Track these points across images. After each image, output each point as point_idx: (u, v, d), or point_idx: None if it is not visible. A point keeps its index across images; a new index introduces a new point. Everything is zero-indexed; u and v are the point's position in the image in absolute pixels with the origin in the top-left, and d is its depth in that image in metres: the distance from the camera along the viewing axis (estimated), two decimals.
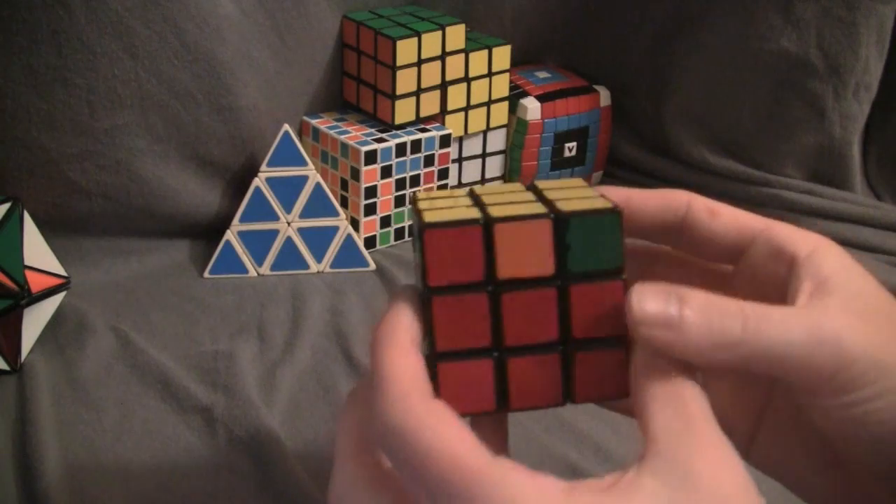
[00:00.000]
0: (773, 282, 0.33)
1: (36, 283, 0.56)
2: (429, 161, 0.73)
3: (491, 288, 0.30)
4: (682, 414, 0.29)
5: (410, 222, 0.33)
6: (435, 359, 0.30)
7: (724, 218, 0.35)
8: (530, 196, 0.33)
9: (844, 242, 0.74)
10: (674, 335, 0.29)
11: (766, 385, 0.37)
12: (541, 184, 0.35)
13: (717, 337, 0.29)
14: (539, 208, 0.31)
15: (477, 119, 0.77)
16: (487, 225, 0.30)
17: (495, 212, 0.31)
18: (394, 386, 0.29)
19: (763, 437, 0.37)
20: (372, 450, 0.31)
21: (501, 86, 0.77)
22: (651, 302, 0.30)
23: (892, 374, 0.30)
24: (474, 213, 0.31)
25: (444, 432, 0.27)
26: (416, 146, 0.72)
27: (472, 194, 0.34)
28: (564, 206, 0.31)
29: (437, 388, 0.30)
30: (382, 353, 0.30)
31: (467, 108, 0.76)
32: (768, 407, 0.37)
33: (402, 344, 0.30)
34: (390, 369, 0.29)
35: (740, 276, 0.35)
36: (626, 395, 0.32)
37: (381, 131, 0.72)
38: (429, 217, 0.31)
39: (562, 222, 0.30)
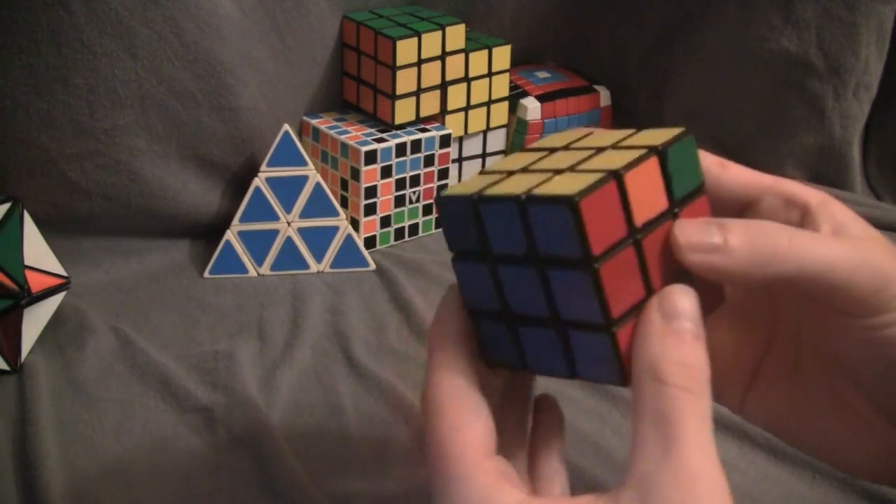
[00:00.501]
0: None
1: (36, 283, 0.56)
2: (429, 161, 0.73)
3: (633, 238, 0.31)
4: (666, 439, 0.28)
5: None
6: (611, 327, 0.30)
7: (734, 171, 0.36)
8: (580, 151, 0.34)
9: None
10: (720, 256, 0.31)
11: (766, 334, 0.38)
12: (548, 141, 0.36)
13: (763, 251, 0.31)
14: (634, 152, 0.32)
15: (477, 119, 0.77)
16: (618, 178, 0.30)
17: (606, 164, 0.31)
18: (437, 374, 0.32)
19: (759, 388, 0.38)
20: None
21: (501, 86, 0.77)
22: (694, 230, 0.31)
23: None
24: (587, 177, 0.30)
25: (453, 421, 0.31)
26: (416, 146, 0.72)
27: (502, 171, 0.34)
28: (648, 142, 0.32)
29: (620, 356, 0.30)
30: (434, 347, 0.33)
31: (467, 108, 0.76)
32: (767, 356, 0.38)
33: (451, 339, 0.33)
34: (440, 360, 0.33)
35: None
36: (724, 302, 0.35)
37: (381, 131, 0.72)
38: (551, 190, 0.30)
39: (663, 155, 0.31)
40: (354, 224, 0.72)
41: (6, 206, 0.56)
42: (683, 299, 0.31)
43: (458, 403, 0.31)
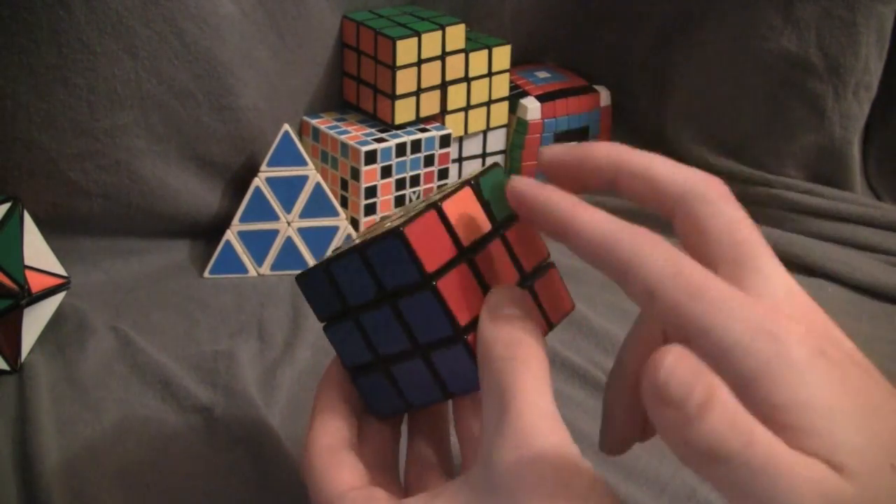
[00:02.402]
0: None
1: (36, 283, 0.56)
2: (429, 161, 0.73)
3: (465, 256, 0.34)
4: (500, 407, 0.30)
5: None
6: (462, 335, 0.34)
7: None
8: (416, 207, 0.38)
9: (844, 242, 0.74)
10: (682, 425, 0.26)
11: None
12: (401, 210, 0.41)
13: (716, 448, 0.26)
14: (452, 188, 0.36)
15: (477, 119, 0.77)
16: (437, 207, 0.34)
17: (431, 199, 0.36)
18: (313, 432, 0.37)
19: None
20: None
21: (501, 86, 0.77)
22: (683, 372, 0.26)
23: None
24: (412, 216, 0.34)
25: (325, 472, 0.35)
26: (416, 146, 0.72)
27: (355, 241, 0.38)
28: (467, 177, 0.36)
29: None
30: (315, 404, 0.38)
31: (467, 108, 0.76)
32: None
33: (332, 400, 0.38)
34: (318, 417, 0.37)
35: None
36: (573, 307, 0.38)
37: (381, 131, 0.72)
38: (387, 227, 0.35)
39: (476, 185, 0.36)
40: (354, 224, 0.72)
41: (6, 206, 0.56)
42: (504, 292, 0.33)
43: (328, 458, 0.36)
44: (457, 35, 0.73)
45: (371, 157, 0.70)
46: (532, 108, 0.79)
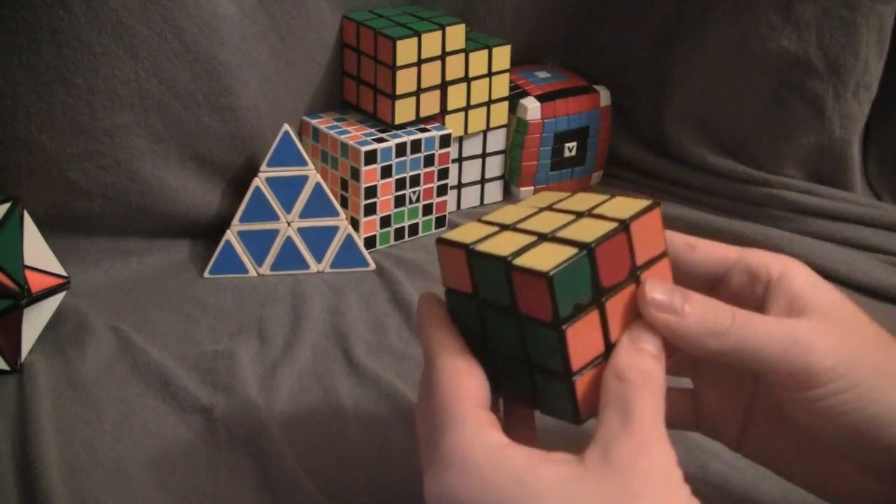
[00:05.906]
0: (753, 304, 0.38)
1: (36, 283, 0.56)
2: (429, 161, 0.73)
3: (598, 301, 0.35)
4: (624, 414, 0.33)
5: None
6: (571, 377, 0.35)
7: (702, 250, 0.40)
8: (561, 215, 0.38)
9: (844, 242, 0.74)
10: (675, 319, 0.35)
11: (751, 387, 0.42)
12: (537, 200, 0.41)
13: (709, 325, 0.35)
14: (606, 224, 0.36)
15: (477, 119, 0.77)
16: (590, 251, 0.35)
17: (581, 235, 0.35)
18: (435, 339, 0.37)
19: (751, 432, 0.42)
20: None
21: (501, 86, 0.77)
22: (660, 292, 0.36)
23: (853, 372, 0.35)
24: (563, 251, 0.35)
25: (453, 377, 0.35)
26: (416, 146, 0.72)
27: (496, 224, 0.38)
28: (619, 214, 0.37)
29: (576, 400, 0.35)
30: (426, 324, 0.38)
31: (467, 108, 0.76)
32: (753, 406, 0.42)
33: (442, 316, 0.38)
34: (436, 333, 0.37)
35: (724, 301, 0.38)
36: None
37: (381, 131, 0.72)
38: (531, 261, 0.34)
39: (628, 229, 0.36)
40: (354, 224, 0.72)
41: (6, 206, 0.56)
42: (646, 329, 0.36)
43: (458, 362, 0.36)
44: (457, 35, 0.73)
45: (371, 157, 0.70)
46: (532, 108, 0.79)
